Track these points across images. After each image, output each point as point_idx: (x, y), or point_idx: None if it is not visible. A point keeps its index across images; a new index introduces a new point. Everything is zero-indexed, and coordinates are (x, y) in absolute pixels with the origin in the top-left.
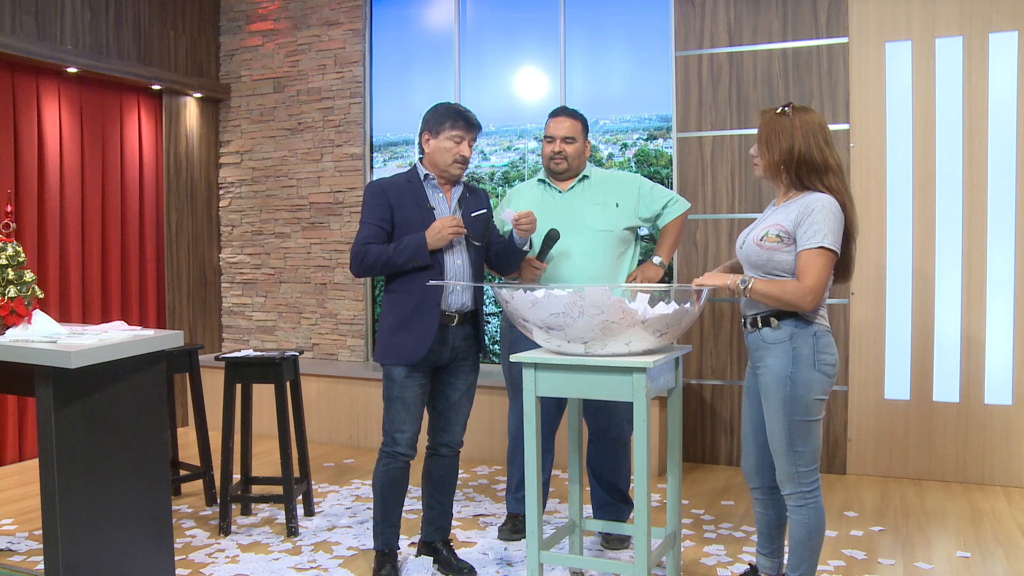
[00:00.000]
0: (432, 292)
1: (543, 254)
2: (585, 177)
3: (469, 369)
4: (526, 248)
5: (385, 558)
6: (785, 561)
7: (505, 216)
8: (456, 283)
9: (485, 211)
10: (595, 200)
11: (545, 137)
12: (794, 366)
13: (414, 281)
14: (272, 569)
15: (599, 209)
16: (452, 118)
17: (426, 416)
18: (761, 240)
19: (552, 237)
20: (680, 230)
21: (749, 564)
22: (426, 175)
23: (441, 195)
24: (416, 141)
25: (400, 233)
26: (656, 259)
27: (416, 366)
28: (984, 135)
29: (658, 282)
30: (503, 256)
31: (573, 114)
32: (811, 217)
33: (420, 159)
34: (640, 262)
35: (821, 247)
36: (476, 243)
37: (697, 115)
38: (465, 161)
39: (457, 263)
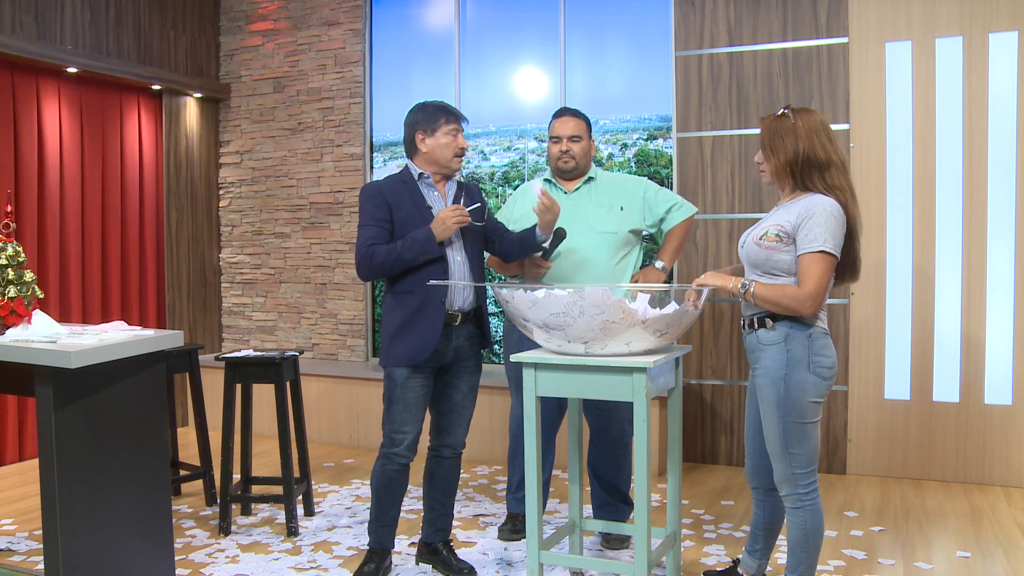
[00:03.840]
0: (436, 291)
1: (548, 252)
2: (591, 179)
3: (472, 369)
4: (545, 244)
5: (372, 555)
6: (769, 565)
7: (532, 187)
8: (457, 283)
9: (479, 204)
10: (600, 202)
11: (551, 138)
12: (788, 367)
13: (417, 281)
14: (272, 569)
15: (604, 211)
16: (446, 113)
17: (428, 417)
18: (760, 239)
19: (559, 236)
20: (684, 235)
21: (734, 560)
22: (420, 174)
23: (436, 193)
24: (409, 141)
25: (400, 234)
26: (659, 263)
27: (419, 367)
28: (984, 135)
29: None
30: (517, 243)
31: (576, 113)
32: (812, 220)
33: (411, 159)
34: (644, 265)
35: (821, 251)
36: (477, 224)
37: (697, 115)
38: (463, 153)
39: (458, 259)
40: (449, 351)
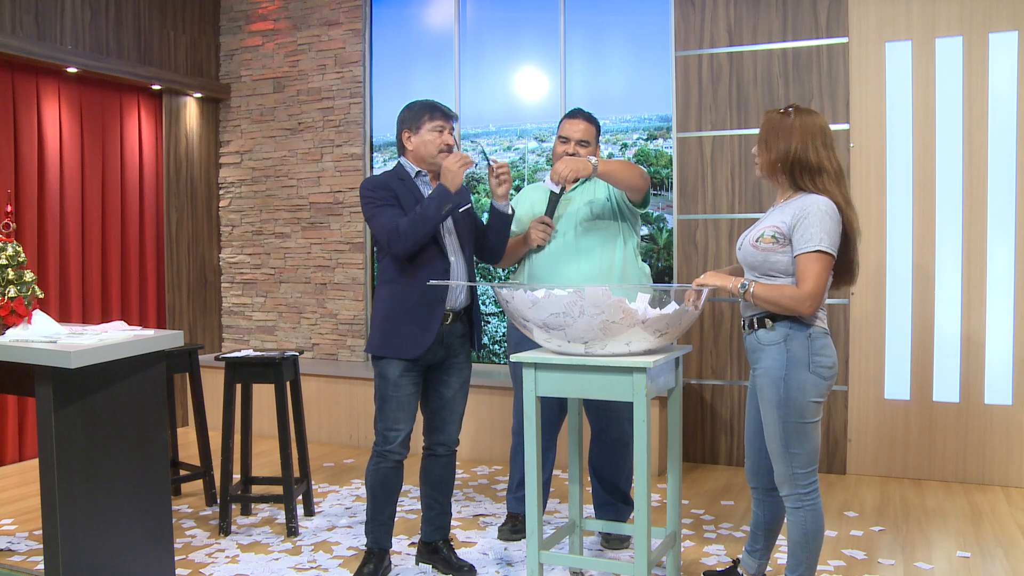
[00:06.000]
0: (437, 288)
1: (551, 213)
2: (585, 180)
3: (462, 366)
4: (508, 211)
5: (371, 556)
6: (769, 565)
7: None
8: (457, 283)
9: (469, 205)
10: (587, 199)
11: (559, 137)
12: (788, 368)
13: (417, 274)
14: (272, 569)
15: (587, 208)
16: (430, 111)
17: (420, 416)
18: (757, 241)
19: (555, 194)
20: (629, 167)
21: (734, 560)
22: (417, 172)
23: (431, 190)
24: (398, 139)
25: None
26: (592, 158)
27: (411, 364)
28: (984, 135)
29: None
30: (494, 227)
31: (589, 118)
32: (807, 220)
33: (403, 157)
34: (644, 262)
35: (818, 251)
36: (466, 218)
37: (697, 115)
38: (450, 149)
39: (454, 260)
40: (440, 349)
